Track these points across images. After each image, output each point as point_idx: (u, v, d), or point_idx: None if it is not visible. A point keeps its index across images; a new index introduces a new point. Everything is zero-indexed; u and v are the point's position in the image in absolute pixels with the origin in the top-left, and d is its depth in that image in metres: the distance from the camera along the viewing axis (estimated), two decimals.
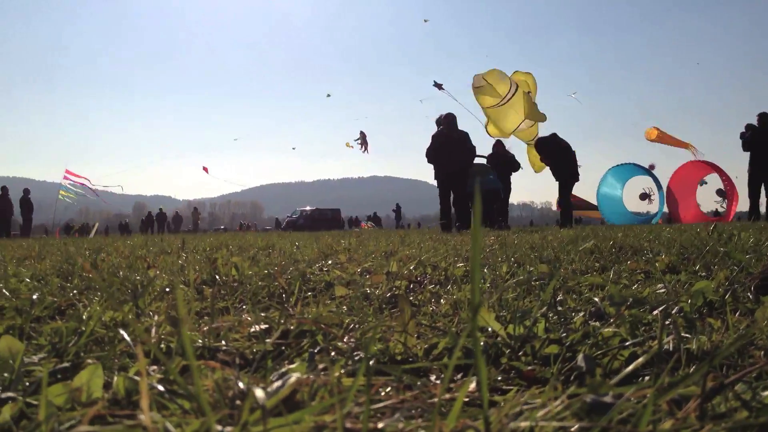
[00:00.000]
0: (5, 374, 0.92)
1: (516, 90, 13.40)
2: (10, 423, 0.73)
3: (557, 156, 12.05)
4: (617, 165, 19.37)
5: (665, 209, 19.35)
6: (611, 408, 0.60)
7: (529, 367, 0.99)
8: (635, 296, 1.41)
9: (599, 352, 1.01)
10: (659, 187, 19.35)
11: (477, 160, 12.25)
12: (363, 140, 20.75)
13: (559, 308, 1.37)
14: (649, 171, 19.49)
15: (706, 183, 19.79)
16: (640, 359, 0.78)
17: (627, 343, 1.02)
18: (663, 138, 20.94)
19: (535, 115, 13.85)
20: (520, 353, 1.07)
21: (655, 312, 1.30)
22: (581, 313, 1.35)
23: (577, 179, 12.25)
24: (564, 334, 1.11)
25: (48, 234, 31.43)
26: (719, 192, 19.92)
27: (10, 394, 0.83)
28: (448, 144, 10.48)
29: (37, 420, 0.66)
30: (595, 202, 19.49)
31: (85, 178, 30.40)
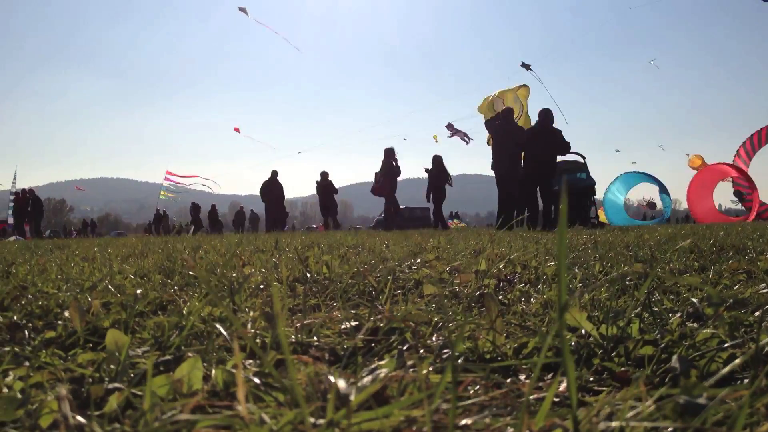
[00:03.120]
0: (112, 366, 0.98)
1: (522, 112, 14.03)
2: (117, 411, 0.77)
3: None
4: (624, 173, 18.93)
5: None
6: (705, 409, 0.59)
7: (622, 368, 0.97)
8: (736, 297, 1.35)
9: (696, 354, 0.98)
10: (665, 191, 18.84)
11: (571, 157, 12.01)
12: (454, 132, 20.28)
13: (655, 309, 1.32)
14: (655, 178, 18.99)
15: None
16: (737, 361, 0.75)
17: (725, 345, 0.98)
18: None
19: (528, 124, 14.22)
20: (613, 354, 1.05)
21: (756, 313, 1.25)
22: (678, 314, 1.30)
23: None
24: (659, 335, 1.08)
25: (150, 233, 32.85)
26: (736, 193, 19.17)
27: (116, 384, 0.88)
28: (541, 139, 10.35)
29: (142, 409, 0.70)
30: None
31: (189, 176, 31.47)
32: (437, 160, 16.81)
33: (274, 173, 19.03)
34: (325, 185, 18.66)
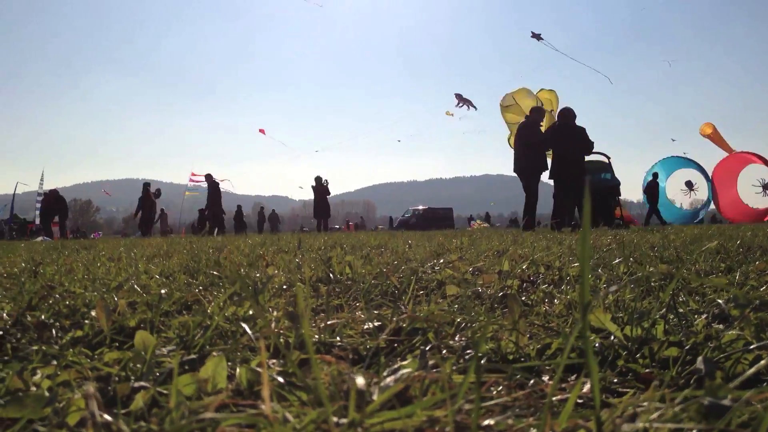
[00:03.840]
0: (138, 365, 0.99)
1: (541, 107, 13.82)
2: (143, 410, 0.78)
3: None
4: (665, 158, 18.62)
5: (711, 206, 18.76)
6: (729, 411, 0.58)
7: (647, 370, 0.96)
8: (762, 298, 1.34)
9: (721, 356, 0.97)
10: (707, 178, 18.57)
11: (595, 157, 11.91)
12: (462, 101, 19.91)
13: (680, 310, 1.31)
14: (696, 163, 18.72)
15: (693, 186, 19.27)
16: (763, 362, 0.75)
17: (751, 347, 0.97)
18: (715, 137, 19.96)
19: None
20: (638, 355, 1.04)
21: None
22: (704, 316, 1.29)
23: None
24: (684, 337, 1.07)
25: (174, 233, 33.06)
26: (766, 186, 18.81)
27: (142, 383, 0.89)
28: (565, 138, 10.25)
29: (167, 407, 0.71)
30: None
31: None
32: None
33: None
34: (321, 190, 19.83)
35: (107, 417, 0.67)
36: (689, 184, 19.49)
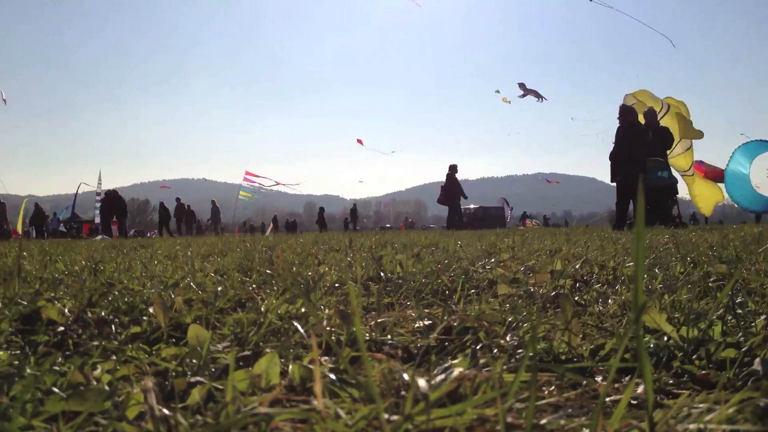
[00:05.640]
0: (194, 360, 1.01)
1: (668, 109, 12.55)
2: (199, 404, 0.80)
3: None
4: (745, 143, 17.66)
5: None
6: None
7: (703, 371, 0.94)
8: None
9: None
10: None
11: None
12: (527, 91, 19.09)
13: (738, 311, 1.28)
14: None
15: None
16: None
17: None
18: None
19: (690, 132, 12.83)
20: (694, 357, 1.02)
21: None
22: (763, 317, 1.26)
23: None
24: (742, 338, 1.04)
25: (228, 232, 33.49)
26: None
27: (199, 378, 0.91)
28: (632, 138, 10.02)
29: (223, 402, 0.72)
30: None
31: (265, 178, 32.19)
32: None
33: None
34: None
35: (165, 411, 0.69)
36: None
